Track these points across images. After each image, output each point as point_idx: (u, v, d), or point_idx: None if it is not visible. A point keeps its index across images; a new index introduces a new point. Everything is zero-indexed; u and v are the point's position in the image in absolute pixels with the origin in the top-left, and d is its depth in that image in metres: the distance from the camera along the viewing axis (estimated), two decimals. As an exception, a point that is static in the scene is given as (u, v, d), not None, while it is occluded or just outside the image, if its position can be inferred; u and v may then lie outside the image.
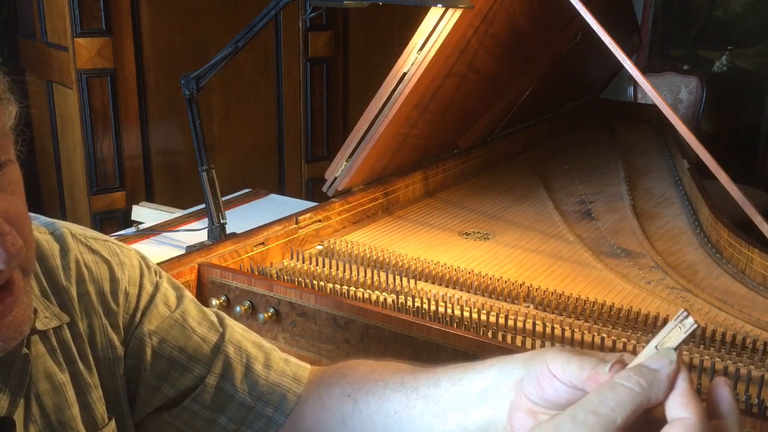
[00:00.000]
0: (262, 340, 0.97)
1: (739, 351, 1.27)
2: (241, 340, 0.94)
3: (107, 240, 0.91)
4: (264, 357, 0.94)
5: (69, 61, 3.05)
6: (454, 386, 0.77)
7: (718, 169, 1.37)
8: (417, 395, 0.81)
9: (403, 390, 0.82)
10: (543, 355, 0.67)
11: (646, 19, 4.82)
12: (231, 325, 0.95)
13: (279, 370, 0.94)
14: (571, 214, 2.02)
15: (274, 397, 0.92)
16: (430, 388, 0.80)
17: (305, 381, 0.94)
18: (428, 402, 0.79)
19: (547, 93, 2.61)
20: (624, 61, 1.49)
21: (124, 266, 0.89)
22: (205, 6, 3.37)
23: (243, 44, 1.73)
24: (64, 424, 0.79)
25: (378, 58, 3.72)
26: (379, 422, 0.84)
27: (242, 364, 0.92)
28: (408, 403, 0.81)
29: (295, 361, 0.97)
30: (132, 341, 0.88)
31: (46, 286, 0.81)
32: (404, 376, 0.84)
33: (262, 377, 0.92)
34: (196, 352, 0.91)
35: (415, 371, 0.84)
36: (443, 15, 1.78)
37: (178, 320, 0.91)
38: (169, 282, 0.94)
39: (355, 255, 1.64)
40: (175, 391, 0.89)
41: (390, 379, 0.85)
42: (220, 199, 1.81)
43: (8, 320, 0.67)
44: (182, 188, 3.42)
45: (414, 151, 2.09)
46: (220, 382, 0.90)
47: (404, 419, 0.81)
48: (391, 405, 0.83)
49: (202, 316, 0.94)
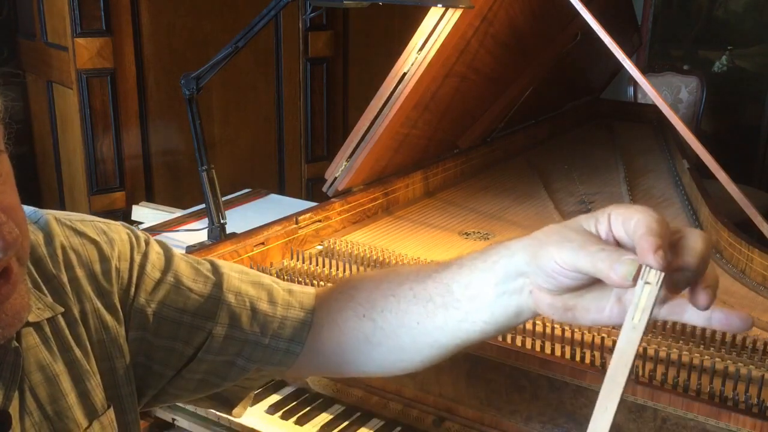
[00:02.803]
0: (261, 277, 0.97)
1: (739, 351, 1.27)
2: (239, 285, 0.94)
3: (93, 220, 0.90)
4: (267, 294, 0.94)
5: (69, 61, 3.05)
6: (468, 290, 0.78)
7: (718, 169, 1.37)
8: (434, 305, 0.81)
9: (418, 302, 0.83)
10: (547, 249, 0.68)
11: (646, 19, 4.82)
12: (227, 272, 0.95)
13: (284, 302, 0.94)
14: (571, 214, 2.01)
15: (285, 331, 0.92)
16: (445, 296, 0.80)
17: (312, 306, 0.94)
18: (448, 309, 0.80)
19: (547, 93, 2.61)
20: (624, 61, 1.49)
21: (113, 243, 0.88)
22: (205, 6, 3.37)
23: (243, 44, 1.73)
24: (61, 414, 0.79)
25: (378, 58, 3.71)
26: (405, 334, 0.85)
27: (246, 308, 0.92)
28: (428, 314, 0.82)
29: (298, 288, 0.97)
30: (132, 314, 0.88)
31: (36, 277, 0.81)
32: (413, 287, 0.84)
33: (270, 314, 0.92)
34: (198, 309, 0.90)
35: (421, 279, 0.84)
36: (443, 15, 1.78)
37: (172, 283, 0.90)
38: (157, 245, 0.94)
39: (355, 255, 1.64)
40: (190, 348, 0.90)
41: (400, 293, 0.85)
42: (220, 199, 1.81)
43: (6, 307, 0.68)
44: (182, 188, 3.42)
45: (414, 151, 2.09)
46: (228, 330, 0.91)
47: (429, 328, 0.82)
48: (412, 317, 0.83)
49: (196, 271, 0.93)
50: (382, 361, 0.90)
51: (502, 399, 1.25)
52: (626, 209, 0.66)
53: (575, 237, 0.66)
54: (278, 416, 1.34)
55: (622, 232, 0.65)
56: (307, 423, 1.33)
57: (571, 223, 0.70)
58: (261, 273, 0.98)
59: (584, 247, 0.64)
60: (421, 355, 0.86)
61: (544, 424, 1.22)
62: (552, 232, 0.69)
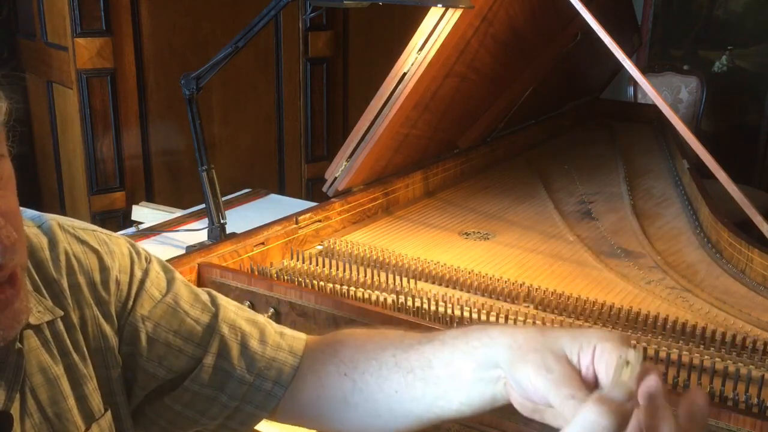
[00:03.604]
0: (256, 316, 0.98)
1: (739, 351, 1.27)
2: (234, 318, 0.94)
3: (95, 230, 0.91)
4: (259, 333, 0.95)
5: (69, 61, 3.05)
6: (448, 368, 0.79)
7: (718, 169, 1.37)
8: (414, 377, 0.82)
9: (399, 371, 0.84)
10: (525, 366, 0.69)
11: (646, 19, 4.82)
12: (224, 304, 0.95)
13: (275, 344, 0.94)
14: (571, 214, 2.01)
15: (271, 372, 0.92)
16: (425, 370, 0.81)
17: (301, 352, 0.95)
18: (427, 384, 0.81)
19: (547, 93, 2.61)
20: (624, 61, 1.49)
21: (114, 254, 0.89)
22: (205, 6, 3.37)
23: (243, 44, 1.73)
24: (61, 416, 0.79)
25: (378, 58, 3.71)
26: (382, 401, 0.85)
27: (238, 342, 0.92)
28: (407, 384, 0.83)
29: (290, 332, 0.97)
30: (126, 328, 0.88)
31: (37, 280, 0.81)
32: (396, 354, 0.85)
33: (259, 353, 0.93)
34: (191, 334, 0.91)
35: (404, 348, 0.85)
36: (443, 15, 1.78)
37: (170, 304, 0.91)
38: (159, 265, 0.94)
39: (355, 255, 1.64)
40: (171, 373, 0.90)
41: (383, 359, 0.86)
42: (220, 199, 1.81)
43: (8, 311, 0.69)
44: (182, 188, 3.42)
45: (414, 151, 2.09)
46: (217, 361, 0.91)
47: (406, 399, 0.83)
48: (391, 385, 0.84)
49: (195, 297, 0.94)
50: (357, 423, 0.90)
51: (502, 399, 1.25)
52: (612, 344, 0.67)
53: (554, 368, 0.67)
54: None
55: (603, 367, 0.66)
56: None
57: (554, 342, 0.70)
58: (256, 313, 0.99)
59: (558, 387, 0.65)
60: (396, 423, 0.87)
61: (544, 424, 1.22)
62: (533, 346, 0.70)
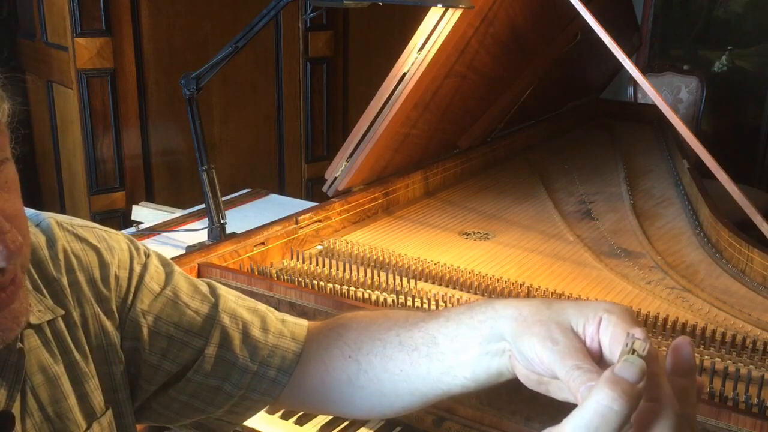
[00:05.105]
0: (257, 304, 0.98)
1: (739, 351, 1.27)
2: (235, 308, 0.94)
3: (94, 227, 0.91)
4: (260, 321, 0.95)
5: (69, 61, 3.05)
6: (453, 343, 0.79)
7: (718, 169, 1.37)
8: (419, 354, 0.82)
9: (403, 349, 0.84)
10: (530, 338, 0.68)
11: (646, 19, 4.82)
12: (224, 294, 0.95)
13: (276, 331, 0.94)
14: (571, 214, 2.02)
15: (274, 359, 0.92)
16: (430, 347, 0.81)
17: (303, 339, 0.95)
18: (432, 360, 0.81)
19: (547, 93, 2.61)
20: (624, 61, 1.49)
21: (113, 251, 0.89)
22: (205, 6, 3.37)
23: (243, 44, 1.73)
24: (61, 415, 0.79)
25: (378, 58, 3.72)
26: (387, 380, 0.85)
27: (239, 331, 0.93)
28: (412, 363, 0.83)
29: (292, 319, 0.97)
30: (127, 323, 0.88)
31: (37, 279, 0.81)
32: (399, 333, 0.85)
33: (261, 341, 0.93)
34: (192, 326, 0.91)
35: (408, 327, 0.85)
36: (443, 15, 1.78)
37: (169, 297, 0.91)
38: (158, 259, 0.94)
39: (355, 255, 1.64)
40: (176, 366, 0.90)
41: (387, 339, 0.86)
42: (220, 199, 1.81)
43: (7, 311, 0.68)
44: (182, 188, 3.42)
45: (414, 151, 2.09)
46: (219, 351, 0.91)
47: (411, 377, 0.83)
48: (396, 364, 0.84)
49: (194, 289, 0.94)
50: (362, 404, 0.90)
51: (502, 399, 1.25)
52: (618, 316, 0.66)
53: (560, 339, 0.66)
54: (278, 416, 1.35)
55: (608, 339, 0.65)
56: (308, 423, 1.34)
57: (560, 314, 0.69)
58: (257, 301, 0.99)
59: (563, 358, 0.65)
60: (401, 402, 0.87)
61: (544, 424, 1.22)
62: (538, 318, 0.69)
